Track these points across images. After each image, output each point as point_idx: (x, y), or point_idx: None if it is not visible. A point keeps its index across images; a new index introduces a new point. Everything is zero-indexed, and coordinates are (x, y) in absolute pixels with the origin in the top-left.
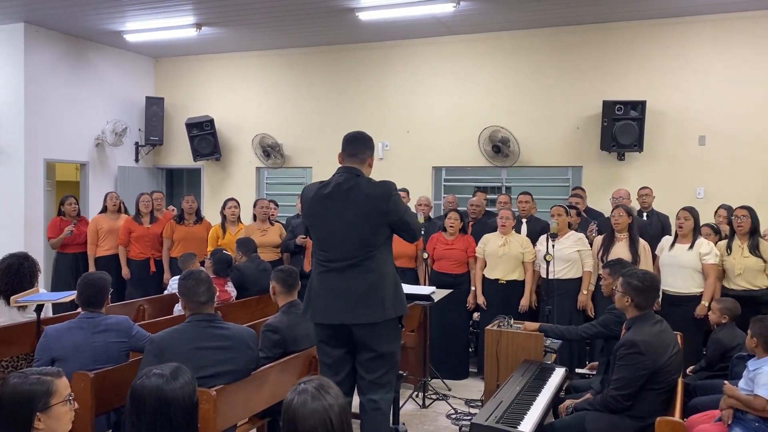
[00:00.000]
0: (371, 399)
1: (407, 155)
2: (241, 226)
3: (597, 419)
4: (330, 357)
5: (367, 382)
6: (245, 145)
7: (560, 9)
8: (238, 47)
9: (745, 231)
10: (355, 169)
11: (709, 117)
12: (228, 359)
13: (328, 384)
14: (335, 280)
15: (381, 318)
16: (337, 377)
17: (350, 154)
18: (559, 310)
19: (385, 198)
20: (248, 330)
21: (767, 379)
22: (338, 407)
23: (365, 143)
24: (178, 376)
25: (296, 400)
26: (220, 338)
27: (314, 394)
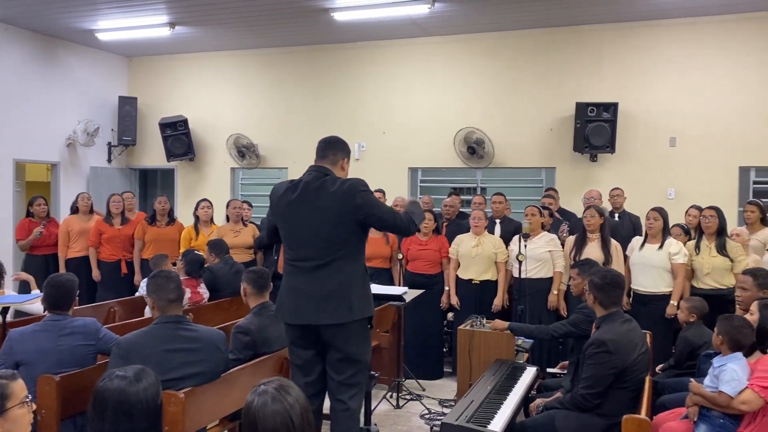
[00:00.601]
0: (340, 400)
1: (383, 156)
2: (214, 227)
3: (566, 418)
4: (300, 358)
5: (336, 383)
6: (220, 146)
7: (533, 12)
8: (213, 47)
9: (713, 231)
10: (324, 168)
11: (679, 119)
12: (197, 361)
13: (288, 385)
14: (303, 280)
15: (347, 319)
16: (307, 378)
17: (321, 156)
18: (531, 310)
19: (353, 193)
20: (218, 332)
21: (731, 376)
22: (299, 408)
23: (338, 145)
24: (142, 378)
25: (256, 402)
26: (189, 340)
27: (275, 396)
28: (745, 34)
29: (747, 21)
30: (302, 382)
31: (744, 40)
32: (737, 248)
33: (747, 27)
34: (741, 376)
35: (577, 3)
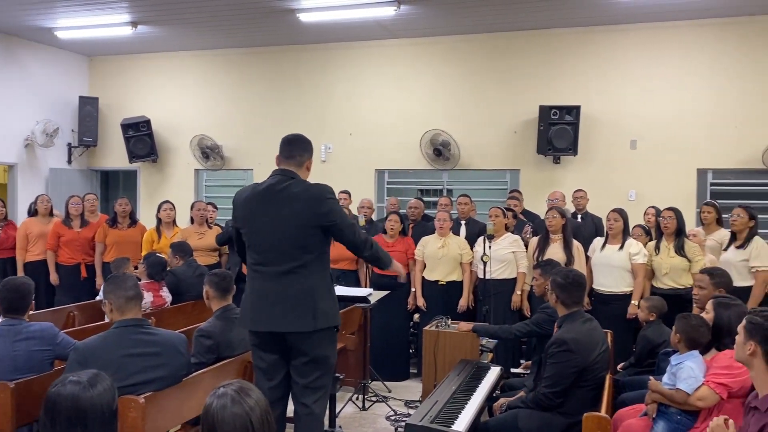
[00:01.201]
0: (304, 404)
1: (350, 157)
2: (177, 229)
3: (529, 417)
4: (264, 362)
5: (300, 386)
6: (183, 147)
7: (498, 15)
8: (176, 46)
9: (671, 232)
10: (289, 172)
11: (640, 122)
12: (157, 365)
13: (249, 387)
14: (268, 286)
15: (311, 328)
16: (271, 382)
17: (287, 157)
18: (495, 310)
19: (319, 200)
20: (179, 335)
21: (688, 374)
22: (260, 411)
23: (303, 146)
24: (96, 383)
25: (215, 404)
26: (149, 344)
27: (234, 398)
28: (702, 40)
29: (704, 27)
30: (266, 386)
31: (701, 46)
32: (695, 248)
33: (704, 33)
34: (698, 374)
35: (541, 7)
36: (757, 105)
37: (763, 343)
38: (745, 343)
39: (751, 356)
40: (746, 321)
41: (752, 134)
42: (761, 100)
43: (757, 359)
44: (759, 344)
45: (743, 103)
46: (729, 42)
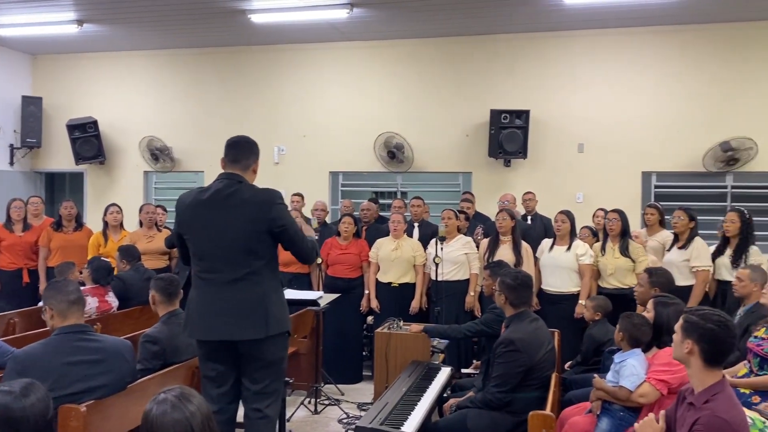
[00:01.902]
0: (257, 409)
1: (303, 160)
2: (124, 233)
3: (478, 416)
4: (213, 370)
5: (252, 392)
6: (132, 148)
7: (450, 20)
8: (124, 46)
9: (617, 233)
10: (236, 176)
11: (587, 126)
12: (101, 373)
13: (190, 393)
14: (216, 294)
15: (264, 334)
16: (220, 389)
17: (232, 160)
18: (447, 311)
19: (268, 205)
20: (123, 341)
21: (630, 371)
22: (201, 416)
23: (249, 148)
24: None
25: (155, 411)
26: (92, 351)
27: (174, 404)
28: (646, 47)
29: (648, 34)
30: (215, 393)
31: (645, 52)
32: (639, 249)
33: (648, 40)
34: (639, 371)
35: (492, 14)
36: (698, 110)
37: (700, 342)
38: (683, 341)
39: (689, 354)
40: (683, 320)
41: (693, 138)
42: (702, 105)
43: (694, 357)
44: (696, 343)
45: (685, 109)
46: (672, 49)
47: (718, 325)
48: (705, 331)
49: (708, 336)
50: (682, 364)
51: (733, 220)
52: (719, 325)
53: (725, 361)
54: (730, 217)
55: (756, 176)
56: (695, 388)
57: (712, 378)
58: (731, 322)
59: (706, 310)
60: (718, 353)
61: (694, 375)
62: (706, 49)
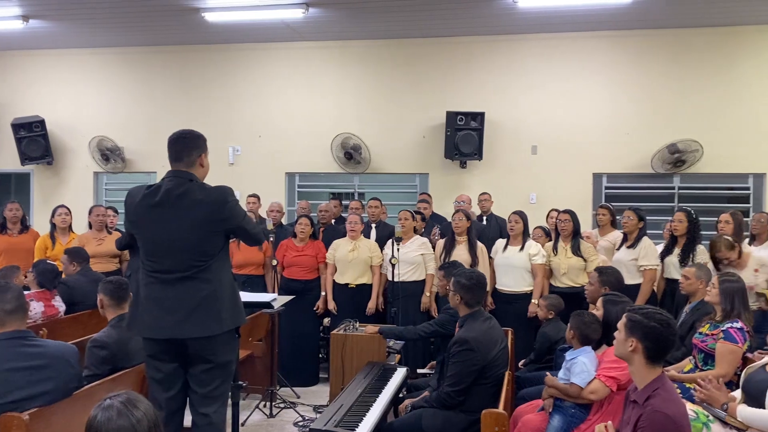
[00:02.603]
0: (204, 414)
1: (259, 160)
2: (73, 235)
3: (432, 416)
4: (160, 372)
5: (199, 396)
6: (81, 148)
7: (405, 22)
8: (73, 43)
9: (568, 233)
10: (185, 173)
11: (540, 128)
12: (44, 379)
13: (137, 398)
14: (166, 291)
15: (218, 330)
16: (168, 393)
17: (174, 158)
18: (404, 312)
19: (222, 204)
20: (69, 346)
21: (581, 369)
22: (147, 423)
23: (192, 142)
24: None
25: (100, 417)
26: (34, 357)
27: (120, 410)
28: (597, 52)
29: (599, 39)
30: (163, 397)
31: (597, 57)
32: (590, 249)
33: (599, 45)
34: (590, 368)
35: (448, 16)
36: (647, 113)
37: (643, 339)
38: (626, 339)
39: (632, 352)
40: (626, 318)
41: (642, 141)
42: (651, 109)
43: (638, 355)
44: (639, 340)
45: (634, 112)
46: (622, 54)
47: (660, 323)
48: (648, 329)
49: (651, 334)
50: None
51: (681, 220)
52: (661, 323)
53: (666, 358)
54: (678, 217)
55: (702, 177)
56: (637, 384)
57: (653, 374)
58: (672, 320)
59: (649, 309)
60: (660, 350)
61: (637, 372)
62: (655, 54)
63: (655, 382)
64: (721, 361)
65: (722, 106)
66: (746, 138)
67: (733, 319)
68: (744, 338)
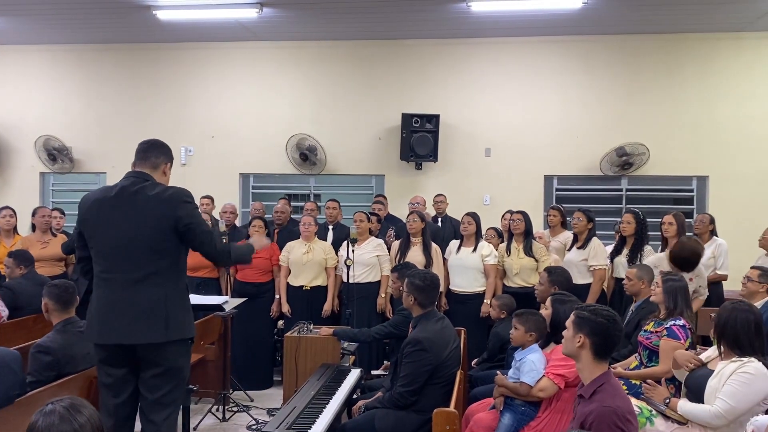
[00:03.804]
0: (153, 421)
1: (213, 161)
2: (17, 237)
3: (385, 416)
4: (111, 377)
5: (150, 402)
6: (27, 148)
7: (360, 23)
8: (19, 39)
9: (521, 233)
10: (143, 174)
11: (493, 131)
12: None
13: (81, 403)
14: (117, 294)
15: (164, 339)
16: (118, 399)
17: (141, 158)
18: (359, 313)
19: (176, 202)
20: (11, 351)
21: (530, 367)
22: (91, 427)
23: (163, 149)
24: None
25: (41, 423)
26: None
27: (63, 416)
28: (548, 56)
29: (549, 44)
30: (112, 403)
31: (548, 61)
32: (541, 249)
33: (550, 49)
34: (539, 367)
35: (402, 18)
36: (595, 117)
37: (591, 335)
38: (575, 336)
39: (580, 348)
40: (574, 316)
41: (591, 144)
42: (600, 112)
43: (585, 350)
44: (587, 336)
45: (584, 116)
46: (572, 58)
47: (607, 319)
48: (596, 325)
49: (598, 329)
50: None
51: (630, 221)
52: (608, 319)
53: (612, 353)
54: (626, 218)
55: (648, 180)
56: (584, 380)
57: (599, 370)
58: (618, 317)
59: (596, 306)
60: (607, 346)
61: (584, 368)
62: (604, 59)
63: (602, 378)
64: (664, 357)
65: (668, 110)
66: (690, 142)
67: (676, 316)
68: (686, 335)
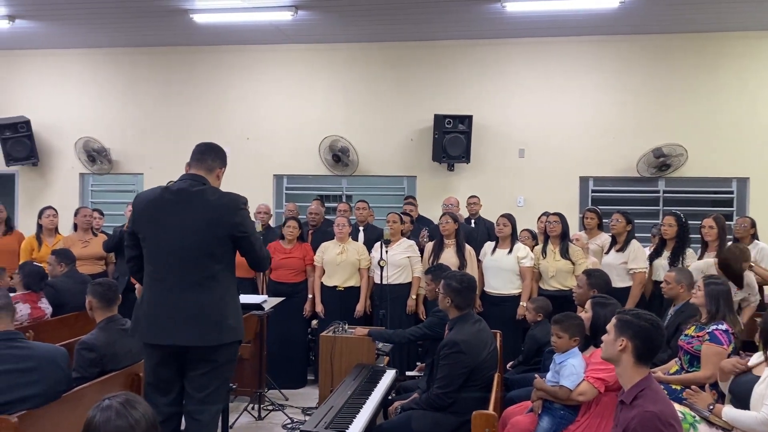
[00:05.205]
0: (197, 419)
1: (248, 163)
2: (59, 237)
3: (422, 417)
4: (159, 377)
5: (196, 400)
6: (67, 150)
7: (394, 25)
8: (59, 43)
9: (557, 235)
10: (200, 177)
11: (528, 132)
12: (32, 381)
13: (135, 399)
14: (170, 296)
15: (217, 342)
16: (166, 398)
17: (197, 159)
18: (392, 314)
19: (234, 209)
20: (58, 348)
21: (570, 371)
22: (146, 424)
23: (220, 153)
24: None
25: (98, 418)
26: (23, 359)
27: (119, 411)
28: (583, 56)
29: (585, 43)
30: (161, 401)
31: (583, 61)
32: (578, 252)
33: (585, 49)
34: (579, 371)
35: (435, 19)
36: (632, 118)
37: (633, 339)
38: (616, 339)
39: (621, 352)
40: (616, 319)
41: (628, 145)
42: (636, 112)
43: (627, 354)
44: (629, 339)
45: (620, 116)
46: (608, 58)
47: (650, 323)
48: (639, 329)
49: (641, 333)
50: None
51: (671, 223)
52: (651, 323)
53: (654, 358)
54: (667, 221)
55: (686, 181)
56: (624, 386)
57: (640, 375)
58: (661, 321)
59: (638, 310)
60: (649, 350)
61: (624, 373)
62: (641, 59)
63: (642, 382)
64: (707, 362)
65: (707, 110)
66: (730, 142)
67: (719, 321)
68: (729, 340)
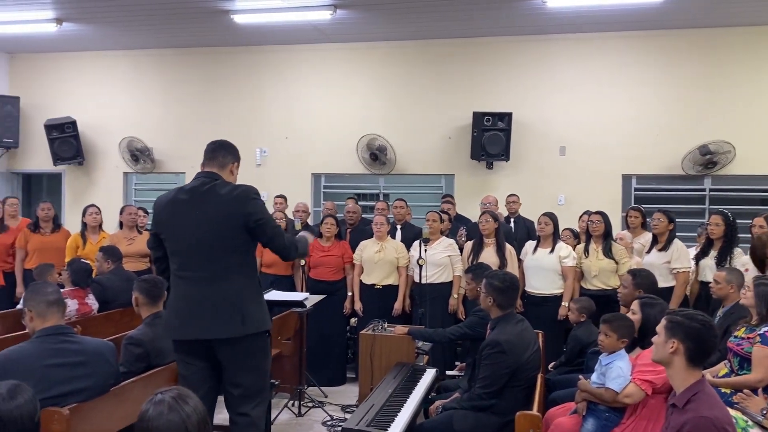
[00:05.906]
0: (243, 413)
1: (286, 162)
2: (104, 234)
3: (464, 417)
4: (189, 372)
5: (236, 396)
6: (112, 149)
7: (432, 23)
8: (104, 45)
9: (600, 235)
10: (213, 174)
11: (569, 129)
12: (83, 375)
13: (187, 394)
14: (193, 291)
15: (239, 333)
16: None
17: (209, 158)
18: (431, 314)
19: (245, 200)
20: (106, 343)
21: (617, 373)
22: (197, 418)
23: (231, 149)
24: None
25: (151, 412)
26: (74, 353)
27: (171, 405)
28: (626, 52)
29: (628, 39)
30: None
31: (626, 57)
32: (621, 251)
33: (628, 45)
34: (626, 373)
35: (475, 16)
36: (675, 114)
37: (685, 340)
38: (667, 341)
39: (673, 354)
40: (666, 321)
41: (672, 142)
42: (681, 109)
43: (678, 356)
44: (681, 341)
45: (663, 113)
46: (651, 54)
47: (702, 324)
48: (690, 330)
49: (693, 335)
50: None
51: (718, 222)
52: (703, 324)
53: (707, 360)
54: (714, 219)
55: (734, 179)
56: (676, 389)
57: (693, 378)
58: (713, 322)
59: (690, 311)
60: (702, 352)
61: (676, 375)
62: (685, 54)
63: (695, 386)
64: (758, 365)
65: (754, 106)
66: None
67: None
68: None
